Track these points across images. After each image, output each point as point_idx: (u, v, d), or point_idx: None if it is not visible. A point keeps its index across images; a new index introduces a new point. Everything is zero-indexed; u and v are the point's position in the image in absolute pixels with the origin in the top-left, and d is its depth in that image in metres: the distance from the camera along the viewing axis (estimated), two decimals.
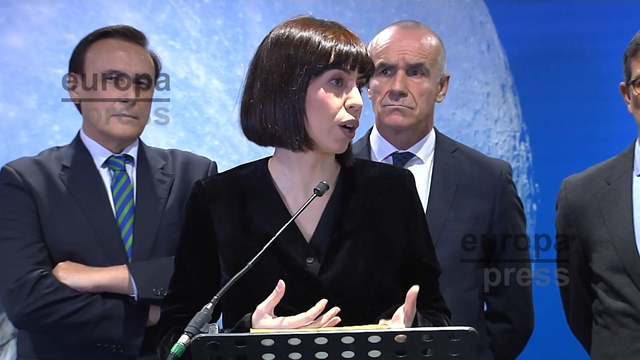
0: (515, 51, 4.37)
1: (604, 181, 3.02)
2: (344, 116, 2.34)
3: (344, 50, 2.33)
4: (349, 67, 2.33)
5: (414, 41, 3.13)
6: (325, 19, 2.40)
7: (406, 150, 3.18)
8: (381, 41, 3.16)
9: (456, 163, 3.15)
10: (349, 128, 2.35)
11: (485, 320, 3.20)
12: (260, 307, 2.24)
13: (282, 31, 2.36)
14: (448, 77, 3.20)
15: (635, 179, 2.98)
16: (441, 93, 3.20)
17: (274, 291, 2.23)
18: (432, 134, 3.21)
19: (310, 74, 2.32)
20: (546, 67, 4.28)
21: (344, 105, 2.34)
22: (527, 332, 3.24)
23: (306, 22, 2.37)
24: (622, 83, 2.99)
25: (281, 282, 2.23)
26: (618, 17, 4.15)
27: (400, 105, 3.09)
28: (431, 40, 3.15)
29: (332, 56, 2.32)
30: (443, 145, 3.20)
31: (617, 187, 2.99)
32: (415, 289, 2.24)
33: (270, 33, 2.40)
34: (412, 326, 2.26)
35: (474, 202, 3.07)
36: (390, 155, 3.17)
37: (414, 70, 3.12)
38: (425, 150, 3.19)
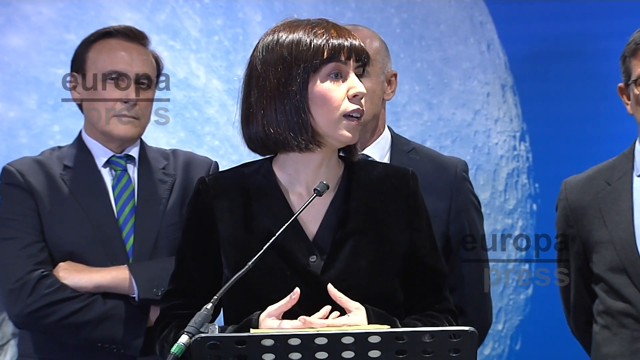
0: (515, 51, 4.37)
1: (604, 182, 3.02)
2: (349, 106, 2.35)
3: (336, 43, 2.34)
4: (344, 58, 2.34)
5: None
6: (312, 17, 2.40)
7: (360, 152, 3.18)
8: None
9: (412, 163, 3.14)
10: (356, 117, 2.35)
11: None
12: (271, 308, 2.25)
13: (272, 37, 2.37)
14: (395, 75, 3.19)
15: (636, 179, 2.98)
16: (389, 91, 3.18)
17: (289, 297, 2.24)
18: (387, 134, 3.21)
19: (308, 71, 2.32)
20: (546, 67, 4.27)
21: (347, 95, 2.35)
22: (484, 326, 3.22)
23: (293, 24, 2.38)
24: (621, 84, 2.99)
25: (297, 290, 2.24)
26: (618, 17, 4.15)
27: None
28: (369, 42, 3.15)
29: (327, 50, 2.33)
30: (398, 146, 3.20)
31: (617, 187, 2.99)
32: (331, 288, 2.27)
33: (259, 42, 2.40)
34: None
35: (430, 201, 3.06)
36: None
37: None
38: (379, 151, 3.18)
